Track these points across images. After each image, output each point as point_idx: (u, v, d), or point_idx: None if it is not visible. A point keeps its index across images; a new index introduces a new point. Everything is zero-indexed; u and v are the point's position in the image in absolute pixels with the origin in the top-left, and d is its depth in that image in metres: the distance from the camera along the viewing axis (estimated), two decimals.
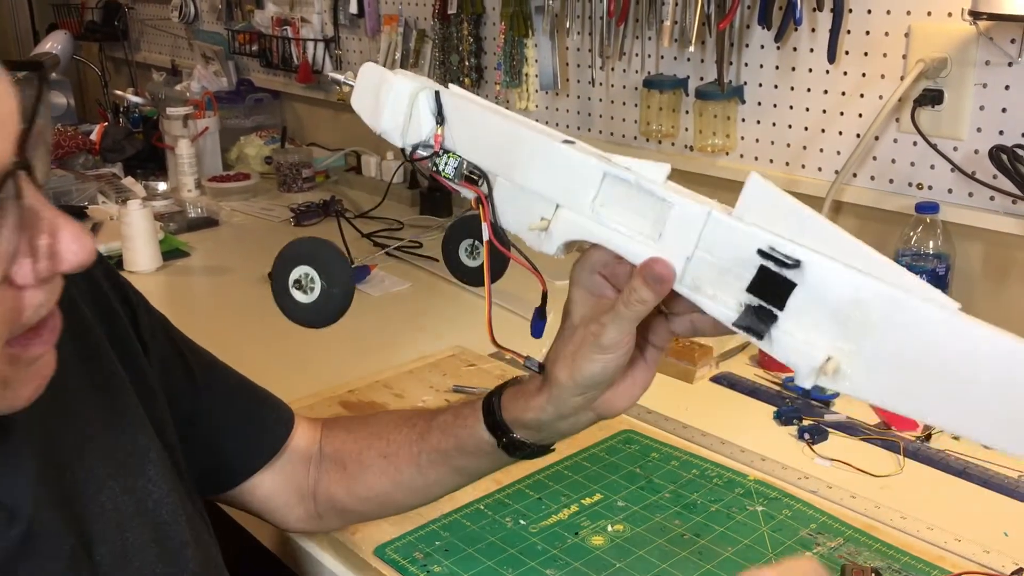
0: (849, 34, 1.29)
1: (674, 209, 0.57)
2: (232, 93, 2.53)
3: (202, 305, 1.59)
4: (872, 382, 0.52)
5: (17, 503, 0.56)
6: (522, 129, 0.63)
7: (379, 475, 0.80)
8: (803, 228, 0.53)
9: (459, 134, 0.66)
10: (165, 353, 0.76)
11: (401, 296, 1.53)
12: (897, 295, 0.50)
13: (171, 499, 0.67)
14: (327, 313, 0.62)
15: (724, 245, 0.56)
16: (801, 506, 0.90)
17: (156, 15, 2.96)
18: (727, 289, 0.56)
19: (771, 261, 0.54)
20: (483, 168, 0.65)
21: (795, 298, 0.53)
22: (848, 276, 0.52)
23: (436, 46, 1.90)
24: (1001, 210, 1.19)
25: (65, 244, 0.49)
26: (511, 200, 0.64)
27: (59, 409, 0.62)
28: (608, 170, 0.60)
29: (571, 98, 1.70)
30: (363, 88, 0.68)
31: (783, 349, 0.55)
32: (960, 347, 0.49)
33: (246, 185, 2.14)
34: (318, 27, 2.25)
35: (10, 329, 0.49)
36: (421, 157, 0.66)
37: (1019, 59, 1.14)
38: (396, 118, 0.67)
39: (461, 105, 0.65)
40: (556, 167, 0.62)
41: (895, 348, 0.51)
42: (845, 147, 1.33)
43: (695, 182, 1.53)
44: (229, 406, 0.81)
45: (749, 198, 0.55)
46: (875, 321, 0.51)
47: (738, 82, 1.43)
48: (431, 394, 1.16)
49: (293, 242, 0.64)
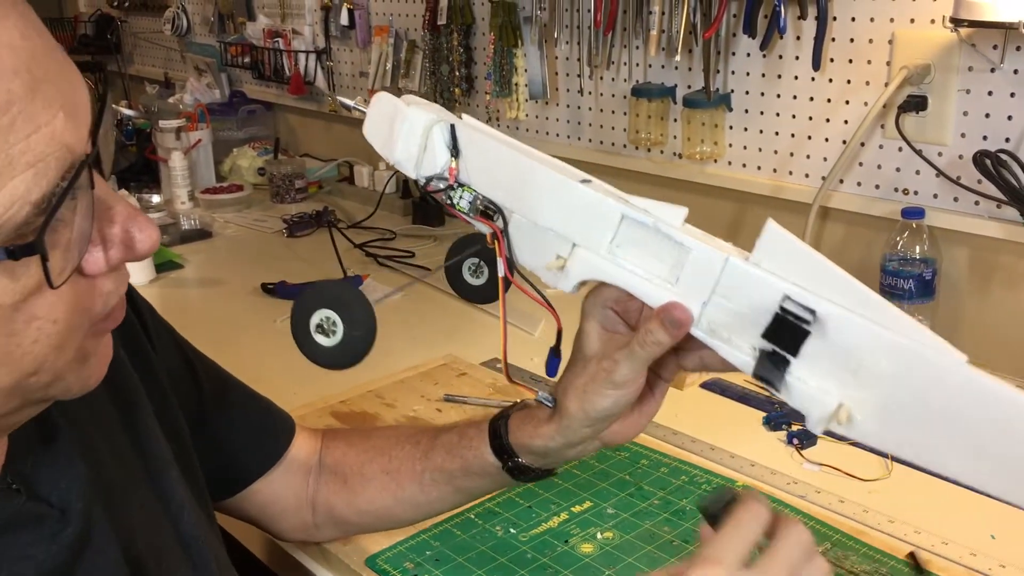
0: (834, 41, 1.31)
1: (692, 254, 0.58)
2: (225, 105, 2.54)
3: (196, 317, 1.59)
4: (883, 430, 0.53)
5: (69, 503, 0.57)
6: (539, 166, 0.63)
7: (380, 490, 0.81)
8: (818, 276, 0.54)
9: (474, 167, 0.65)
10: (172, 358, 0.77)
11: (393, 305, 1.53)
12: (910, 346, 0.51)
13: (189, 503, 0.68)
14: (350, 355, 0.63)
15: (741, 291, 0.56)
16: (789, 511, 0.91)
17: (149, 28, 2.97)
18: (742, 334, 0.57)
19: (787, 309, 0.54)
20: (498, 203, 0.64)
21: (809, 346, 0.54)
22: (862, 326, 0.53)
23: (427, 56, 1.92)
24: (986, 215, 1.20)
25: (132, 232, 0.51)
26: (527, 236, 0.63)
27: (91, 414, 0.63)
28: (626, 212, 0.60)
29: (560, 107, 1.71)
30: (376, 118, 0.67)
31: (796, 395, 0.55)
32: (971, 400, 0.50)
33: (239, 197, 2.15)
34: (309, 39, 2.26)
35: (87, 316, 0.51)
36: (435, 190, 0.66)
37: (1001, 65, 1.15)
38: (410, 150, 0.66)
39: (476, 138, 0.65)
40: (573, 207, 0.61)
41: (907, 399, 0.52)
42: (831, 153, 1.34)
43: (684, 189, 1.54)
44: (233, 413, 0.82)
45: (766, 245, 0.56)
46: (888, 372, 0.52)
47: (725, 90, 1.44)
48: (422, 403, 1.16)
49: (313, 285, 0.64)
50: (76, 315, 0.50)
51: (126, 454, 0.65)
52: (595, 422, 0.66)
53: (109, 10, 3.12)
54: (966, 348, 1.40)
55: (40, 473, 0.57)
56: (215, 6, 2.57)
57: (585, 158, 1.68)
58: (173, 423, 0.72)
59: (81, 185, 0.47)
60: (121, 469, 0.64)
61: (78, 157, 0.47)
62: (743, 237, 1.69)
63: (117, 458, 0.64)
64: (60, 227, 0.47)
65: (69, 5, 3.45)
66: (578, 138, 1.69)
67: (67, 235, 0.47)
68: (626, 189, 0.62)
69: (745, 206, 1.48)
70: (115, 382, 0.67)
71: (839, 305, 0.53)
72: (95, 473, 0.60)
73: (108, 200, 0.51)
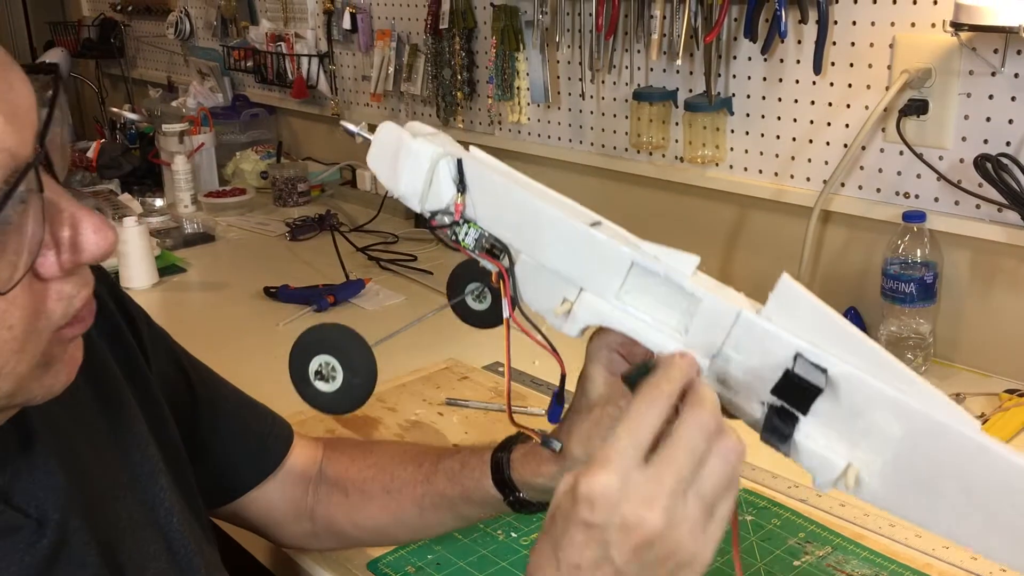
0: (835, 45, 1.31)
1: (703, 305, 0.57)
2: (228, 109, 2.54)
3: (198, 320, 1.60)
4: (892, 494, 0.53)
5: (46, 513, 0.57)
6: (547, 207, 0.61)
7: (381, 509, 0.81)
8: (831, 334, 0.53)
9: (481, 204, 0.63)
10: (167, 367, 0.77)
11: (395, 309, 1.54)
12: (922, 411, 0.51)
13: (179, 509, 0.68)
14: (351, 401, 0.60)
15: (752, 346, 0.55)
16: (790, 515, 0.91)
17: (152, 32, 2.98)
18: (751, 388, 0.56)
19: (798, 366, 0.53)
20: (505, 242, 0.63)
21: (819, 404, 0.53)
22: (874, 388, 0.52)
23: (429, 60, 1.92)
24: (987, 218, 1.20)
25: (86, 236, 0.50)
26: (533, 277, 0.62)
27: (73, 421, 0.63)
28: (636, 259, 0.58)
29: (562, 111, 1.71)
30: (380, 148, 0.66)
31: (803, 454, 0.54)
32: (984, 469, 0.49)
33: (242, 200, 2.16)
34: (312, 43, 2.27)
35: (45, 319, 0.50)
36: (440, 225, 0.64)
37: (1002, 69, 1.15)
38: (415, 184, 0.64)
39: (484, 174, 0.63)
40: (582, 251, 0.60)
41: (918, 463, 0.51)
42: (832, 157, 1.34)
43: (685, 193, 1.54)
44: (228, 421, 0.82)
45: (779, 299, 0.55)
46: (899, 435, 0.51)
47: (726, 94, 1.45)
48: (424, 407, 1.17)
49: (310, 330, 0.62)
50: (33, 320, 0.49)
51: (113, 461, 0.65)
52: None
53: (112, 14, 3.12)
54: (967, 352, 1.40)
55: (16, 483, 0.57)
56: (218, 10, 2.57)
57: (586, 162, 1.68)
58: (164, 430, 0.72)
59: (29, 189, 0.46)
60: (106, 477, 0.64)
61: (22, 161, 0.46)
62: (744, 241, 1.69)
63: (103, 466, 0.64)
64: (7, 231, 0.46)
65: (73, 9, 3.46)
66: (580, 142, 1.70)
67: (16, 240, 0.47)
68: (628, 193, 0.62)
69: (746, 210, 1.48)
70: (104, 390, 0.67)
71: (851, 365, 0.52)
72: (76, 482, 0.60)
73: (61, 203, 0.50)
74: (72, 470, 0.60)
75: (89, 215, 0.50)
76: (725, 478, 0.50)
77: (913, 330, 1.25)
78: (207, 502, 0.80)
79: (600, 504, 0.48)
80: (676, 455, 0.49)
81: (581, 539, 0.49)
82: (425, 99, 1.99)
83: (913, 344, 1.25)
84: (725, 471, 0.50)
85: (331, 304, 1.54)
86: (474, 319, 0.73)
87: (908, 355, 1.25)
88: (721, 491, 0.50)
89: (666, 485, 0.48)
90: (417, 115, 2.03)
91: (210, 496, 0.80)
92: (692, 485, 0.49)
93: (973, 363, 1.26)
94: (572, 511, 0.49)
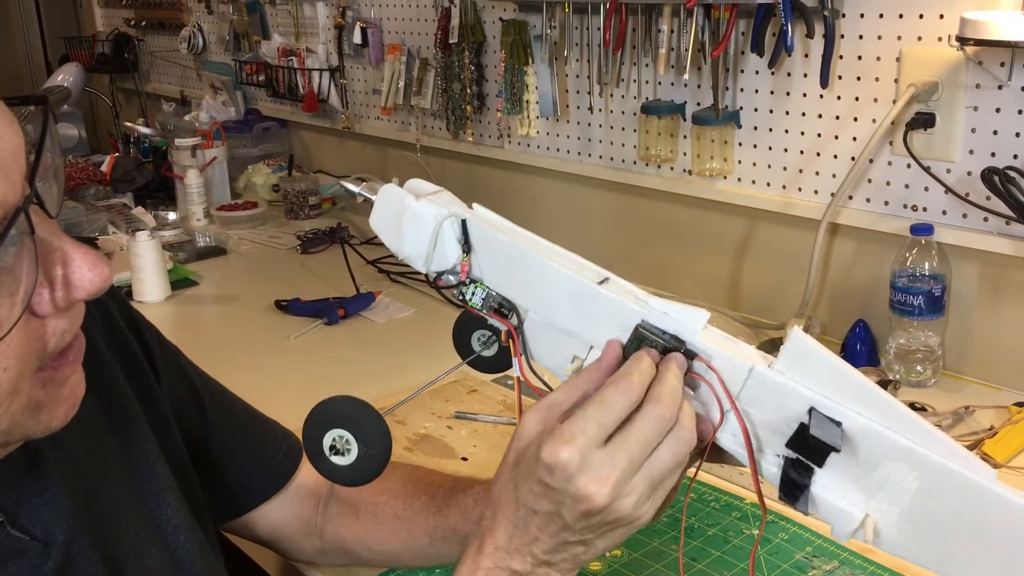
0: (842, 59, 1.31)
1: (715, 362, 0.57)
2: (240, 122, 2.57)
3: (211, 334, 1.61)
4: (911, 544, 0.53)
5: (52, 535, 0.58)
6: (554, 265, 0.61)
7: (391, 535, 0.82)
8: (844, 387, 0.54)
9: (487, 264, 0.63)
10: (177, 384, 0.78)
11: (406, 322, 1.55)
12: (938, 462, 0.51)
13: (186, 526, 0.69)
14: (368, 472, 0.60)
15: (766, 400, 0.55)
16: (797, 529, 0.91)
17: (165, 47, 3.01)
18: (766, 442, 0.56)
19: (813, 420, 0.54)
20: (513, 301, 0.63)
21: (835, 456, 0.54)
22: (889, 439, 0.52)
23: (439, 74, 1.93)
24: (995, 231, 1.21)
25: (80, 273, 0.50)
26: (542, 335, 0.62)
27: (80, 441, 0.64)
28: (646, 317, 0.58)
29: (571, 124, 1.72)
30: (383, 211, 0.66)
31: (821, 506, 0.55)
32: (1002, 518, 0.49)
33: (254, 213, 2.17)
34: (323, 57, 2.29)
35: (39, 357, 0.51)
36: (447, 285, 0.64)
37: (1009, 82, 1.15)
38: (420, 245, 0.64)
39: (488, 233, 0.63)
40: (590, 309, 0.60)
41: (935, 514, 0.52)
42: (840, 170, 1.35)
43: (694, 205, 1.55)
44: (238, 438, 0.82)
45: (791, 353, 0.55)
46: (915, 486, 0.52)
47: (734, 107, 1.45)
48: (433, 420, 1.17)
49: (322, 404, 0.61)
50: (28, 359, 0.50)
51: (121, 479, 0.66)
52: None
53: (126, 29, 3.16)
54: (976, 364, 1.39)
55: (24, 506, 0.57)
56: (230, 25, 2.60)
57: (595, 175, 1.69)
58: (173, 447, 0.73)
59: (21, 232, 0.47)
60: (114, 495, 0.65)
61: (12, 206, 0.46)
62: (752, 254, 1.69)
63: (111, 485, 0.65)
64: (2, 275, 0.46)
65: (87, 24, 3.50)
66: (588, 155, 1.70)
67: (10, 282, 0.47)
68: (636, 206, 0.61)
69: (755, 223, 1.49)
70: (113, 407, 0.68)
71: (865, 417, 0.53)
72: (84, 502, 0.61)
73: (53, 241, 0.50)
74: (79, 490, 0.61)
75: (82, 252, 0.50)
76: (673, 463, 0.56)
77: (922, 343, 1.25)
78: (216, 517, 0.80)
79: (558, 474, 0.55)
80: (632, 442, 0.55)
81: (539, 491, 0.56)
82: (435, 113, 2.00)
83: (922, 357, 1.25)
84: (674, 458, 0.56)
85: (342, 317, 1.55)
86: (482, 366, 0.72)
87: (917, 368, 1.25)
88: (668, 472, 0.57)
89: (619, 467, 0.55)
90: (427, 128, 2.05)
91: (219, 511, 0.81)
92: (643, 467, 0.56)
93: (982, 376, 1.26)
94: (534, 467, 0.56)
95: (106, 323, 0.71)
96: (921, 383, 1.24)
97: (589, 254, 0.63)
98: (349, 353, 1.45)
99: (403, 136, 2.11)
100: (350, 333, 1.52)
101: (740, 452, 0.57)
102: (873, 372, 1.28)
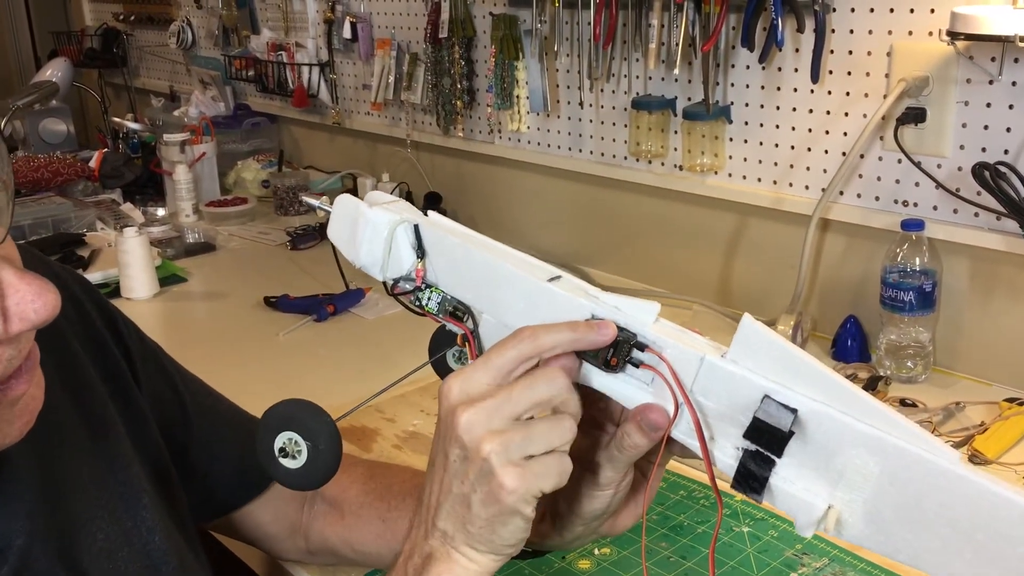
0: (832, 54, 1.31)
1: (666, 352, 0.56)
2: (229, 117, 2.55)
3: (199, 330, 1.60)
4: (876, 533, 0.51)
5: (8, 540, 0.57)
6: (505, 265, 0.61)
7: (376, 537, 0.81)
8: (799, 373, 0.52)
9: (441, 268, 0.64)
10: (157, 383, 0.77)
11: (395, 319, 1.54)
12: (898, 445, 0.49)
13: (163, 527, 0.68)
14: (321, 471, 0.59)
15: (719, 390, 0.55)
16: (787, 526, 0.91)
17: (154, 41, 2.99)
18: (724, 434, 0.55)
19: (767, 408, 0.53)
20: (467, 304, 0.63)
21: (793, 445, 0.52)
22: (846, 425, 0.51)
23: (429, 69, 1.92)
24: (986, 226, 1.20)
25: (23, 305, 0.47)
26: (497, 336, 0.61)
27: (52, 442, 0.62)
28: (596, 311, 0.58)
29: (562, 119, 1.71)
30: (339, 220, 0.67)
31: (782, 498, 0.54)
32: (966, 501, 0.48)
33: (244, 209, 2.16)
34: (312, 52, 2.27)
35: None
36: (403, 291, 0.65)
37: (1000, 77, 1.15)
38: (374, 253, 0.65)
39: (441, 238, 0.63)
40: (542, 307, 0.60)
41: (899, 500, 0.50)
42: (831, 165, 1.34)
43: (685, 201, 1.54)
44: (220, 437, 0.81)
45: (742, 341, 0.54)
46: (876, 472, 0.50)
47: (724, 102, 1.45)
48: (422, 418, 1.17)
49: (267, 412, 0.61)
50: None
51: (93, 481, 0.65)
52: (589, 521, 0.65)
53: (115, 24, 3.14)
54: (967, 360, 1.40)
55: None
56: (220, 20, 2.58)
57: (586, 170, 1.68)
58: (151, 448, 0.72)
59: None
60: (85, 498, 0.64)
61: None
62: (743, 249, 1.69)
63: (81, 486, 0.64)
64: None
65: (75, 19, 3.48)
66: (579, 150, 1.70)
67: None
68: (627, 201, 0.61)
69: (745, 218, 1.48)
70: (88, 409, 0.67)
71: (822, 402, 0.51)
72: (49, 505, 0.60)
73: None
74: (45, 493, 0.60)
75: (25, 281, 0.48)
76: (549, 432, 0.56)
77: (913, 338, 1.25)
78: (198, 517, 0.80)
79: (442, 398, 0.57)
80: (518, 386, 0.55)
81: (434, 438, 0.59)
82: (425, 108, 1.99)
83: (913, 352, 1.24)
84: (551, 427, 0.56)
85: (331, 314, 1.54)
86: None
87: (908, 363, 1.24)
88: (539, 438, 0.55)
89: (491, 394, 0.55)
90: (417, 123, 2.04)
91: (201, 511, 0.80)
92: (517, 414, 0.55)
93: (973, 371, 1.26)
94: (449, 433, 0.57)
95: (82, 323, 0.70)
96: (912, 379, 1.24)
97: (579, 249, 0.63)
98: (338, 350, 1.44)
99: (393, 131, 2.10)
100: (339, 330, 1.51)
101: (693, 444, 0.56)
102: (864, 368, 1.28)
